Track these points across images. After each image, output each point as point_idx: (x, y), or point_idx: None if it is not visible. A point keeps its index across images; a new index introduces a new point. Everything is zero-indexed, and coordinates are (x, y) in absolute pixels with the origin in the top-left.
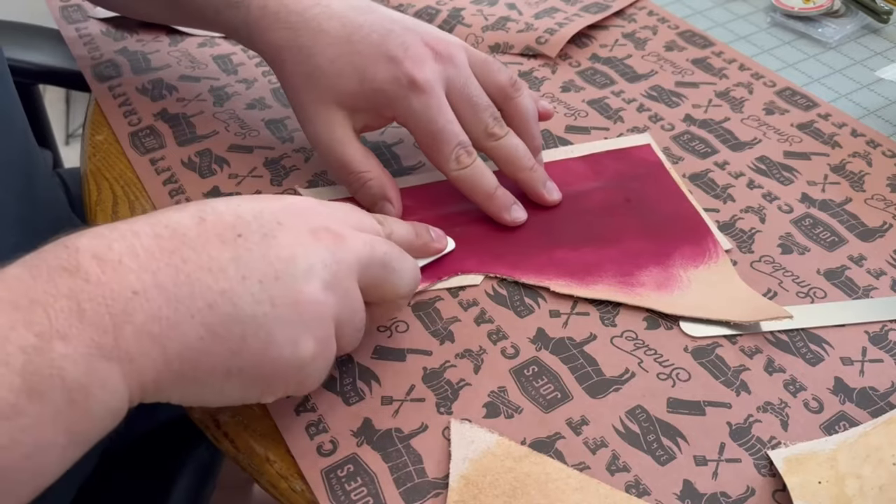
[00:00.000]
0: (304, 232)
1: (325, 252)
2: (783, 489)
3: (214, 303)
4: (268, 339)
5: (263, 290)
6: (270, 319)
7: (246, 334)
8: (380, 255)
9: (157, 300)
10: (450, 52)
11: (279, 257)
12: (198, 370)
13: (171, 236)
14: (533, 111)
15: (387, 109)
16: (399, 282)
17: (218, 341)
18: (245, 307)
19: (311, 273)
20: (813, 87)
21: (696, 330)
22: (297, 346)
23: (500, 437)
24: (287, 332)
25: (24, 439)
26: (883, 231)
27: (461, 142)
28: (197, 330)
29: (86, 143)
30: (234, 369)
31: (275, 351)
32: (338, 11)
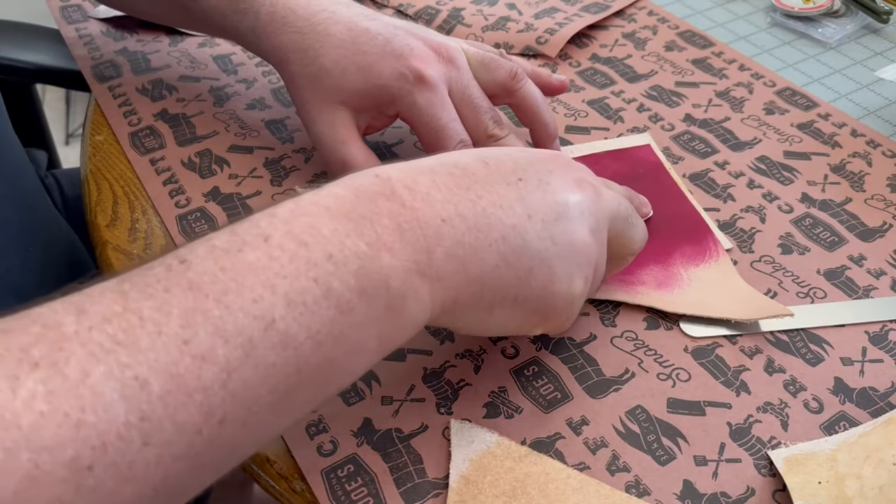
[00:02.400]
0: (571, 181)
1: (590, 201)
2: (783, 489)
3: (507, 235)
4: (549, 272)
5: (545, 228)
6: (552, 255)
7: (532, 266)
8: (625, 210)
9: (460, 228)
10: (451, 56)
11: (556, 201)
12: (491, 295)
13: (462, 175)
14: (540, 98)
15: (391, 107)
16: (635, 236)
17: (510, 270)
18: (532, 241)
19: (582, 218)
20: (813, 87)
21: (696, 330)
22: (572, 282)
23: (500, 437)
24: (565, 267)
25: (350, 335)
26: (883, 231)
27: (463, 139)
28: (493, 257)
29: (86, 143)
30: (521, 297)
31: (555, 284)
32: (344, 17)
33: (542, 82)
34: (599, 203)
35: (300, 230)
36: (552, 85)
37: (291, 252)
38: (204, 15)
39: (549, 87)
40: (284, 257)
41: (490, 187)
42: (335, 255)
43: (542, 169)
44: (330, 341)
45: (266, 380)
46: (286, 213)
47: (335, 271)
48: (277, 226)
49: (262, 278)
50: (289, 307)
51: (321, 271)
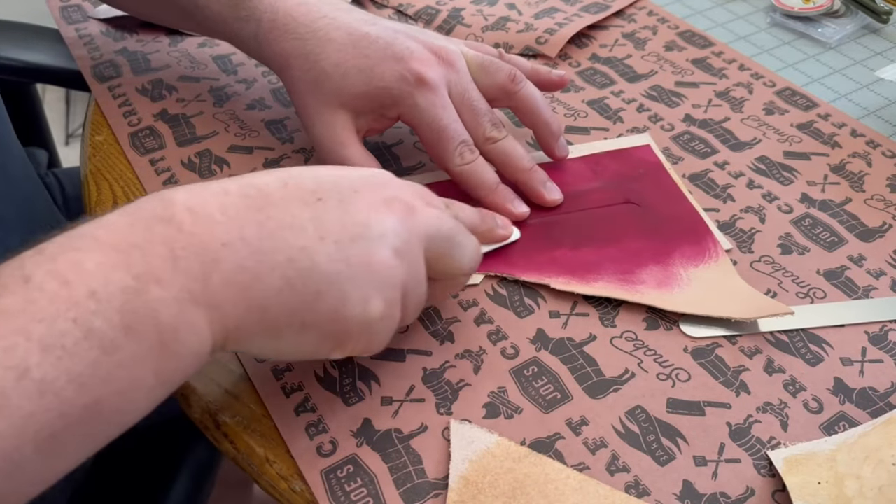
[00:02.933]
0: (379, 200)
1: (397, 221)
2: (783, 489)
3: (294, 258)
4: (341, 296)
5: (339, 250)
6: (344, 278)
7: (321, 290)
8: (446, 229)
9: (242, 252)
10: (451, 59)
11: (355, 221)
12: (276, 321)
13: (257, 196)
14: (540, 99)
15: (392, 109)
16: (462, 257)
17: (295, 294)
18: (322, 264)
19: (384, 238)
20: (813, 87)
21: (695, 331)
22: (368, 305)
23: (500, 437)
24: (359, 290)
25: (119, 374)
26: (883, 231)
27: (464, 139)
28: (277, 282)
29: (86, 143)
30: (309, 323)
31: (347, 308)
32: (344, 22)
33: (542, 79)
34: (410, 223)
35: (64, 267)
36: (552, 81)
37: (52, 293)
38: (206, 21)
39: (549, 83)
40: (43, 299)
41: (284, 208)
42: (98, 291)
43: (347, 188)
44: (96, 383)
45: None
46: (54, 248)
47: (98, 309)
48: (41, 264)
49: (16, 325)
50: (45, 353)
51: (81, 310)
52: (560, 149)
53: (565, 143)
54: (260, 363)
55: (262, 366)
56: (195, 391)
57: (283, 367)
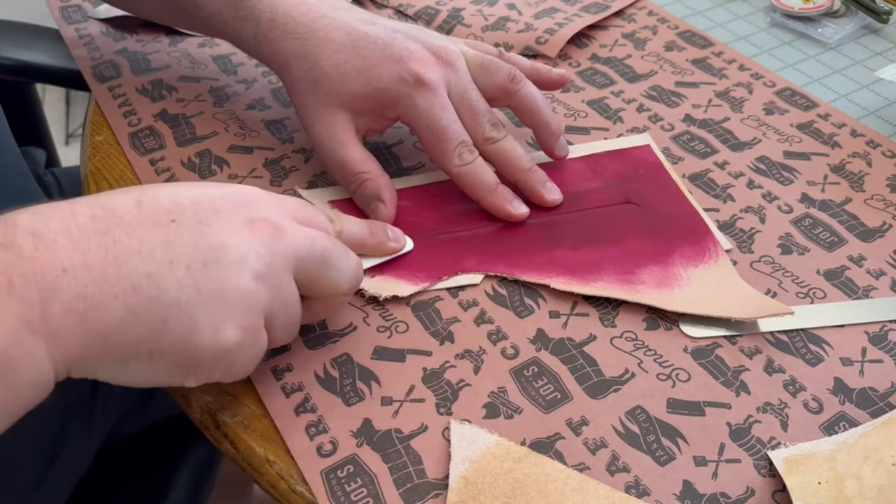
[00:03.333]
0: (241, 221)
1: (260, 243)
2: (783, 489)
3: (139, 285)
4: (190, 324)
5: (189, 275)
6: (194, 305)
7: (168, 318)
8: (318, 249)
9: (83, 279)
10: (450, 59)
11: (210, 245)
12: (120, 350)
13: (106, 218)
14: (540, 98)
15: (391, 110)
16: (338, 278)
17: (140, 323)
18: (169, 291)
19: (242, 263)
20: (813, 88)
21: (695, 331)
22: (219, 333)
23: (500, 437)
24: (210, 318)
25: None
26: (883, 231)
27: (463, 140)
28: (119, 310)
29: (86, 143)
30: (156, 352)
31: (196, 336)
32: (343, 22)
33: (542, 78)
34: (275, 246)
35: None
36: (552, 80)
37: None
38: (206, 20)
39: (549, 82)
40: None
41: (133, 231)
42: None
43: (208, 208)
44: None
45: None
46: None
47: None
48: None
49: None
50: None
51: None
52: (560, 148)
53: (565, 143)
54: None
55: (262, 366)
56: (195, 391)
57: (283, 367)
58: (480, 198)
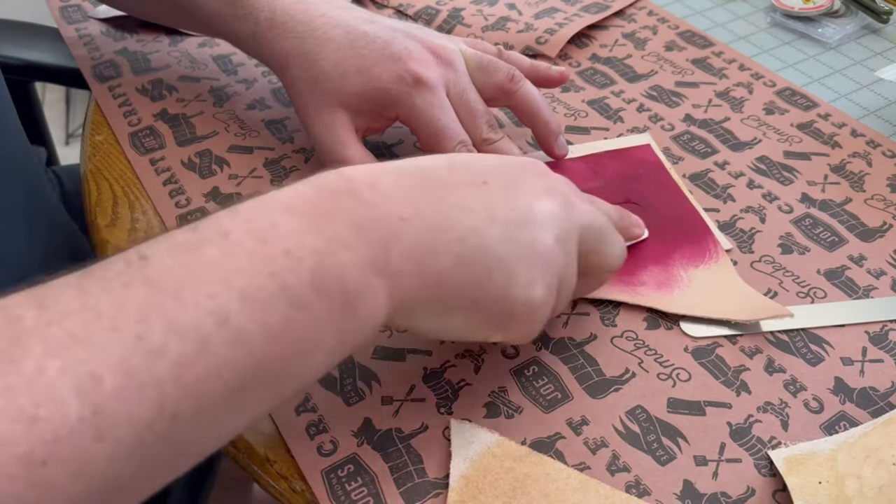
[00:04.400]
0: (541, 188)
1: (559, 209)
2: (783, 489)
3: (466, 237)
4: (509, 276)
5: (507, 232)
6: (512, 258)
7: (491, 268)
8: (599, 223)
9: (419, 227)
10: (449, 58)
11: (520, 205)
12: (448, 297)
13: (427, 176)
14: (539, 98)
15: (390, 109)
16: (611, 253)
17: (467, 271)
18: (492, 244)
19: (548, 224)
20: (813, 87)
21: (696, 330)
22: (532, 288)
23: (501, 437)
24: (525, 272)
25: (306, 331)
26: (883, 231)
27: (462, 140)
28: (451, 258)
29: (86, 143)
30: (479, 300)
31: (514, 288)
32: (342, 21)
33: (542, 75)
34: (570, 213)
35: (260, 227)
36: (552, 77)
37: (249, 248)
38: (205, 19)
39: (549, 79)
40: (242, 253)
41: (454, 189)
42: (292, 251)
43: (513, 173)
44: (286, 338)
45: (219, 376)
46: (248, 210)
47: (291, 267)
48: (238, 223)
49: (218, 274)
50: (244, 303)
51: (277, 267)
52: (559, 147)
53: (564, 142)
54: None
55: None
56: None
57: None
58: None
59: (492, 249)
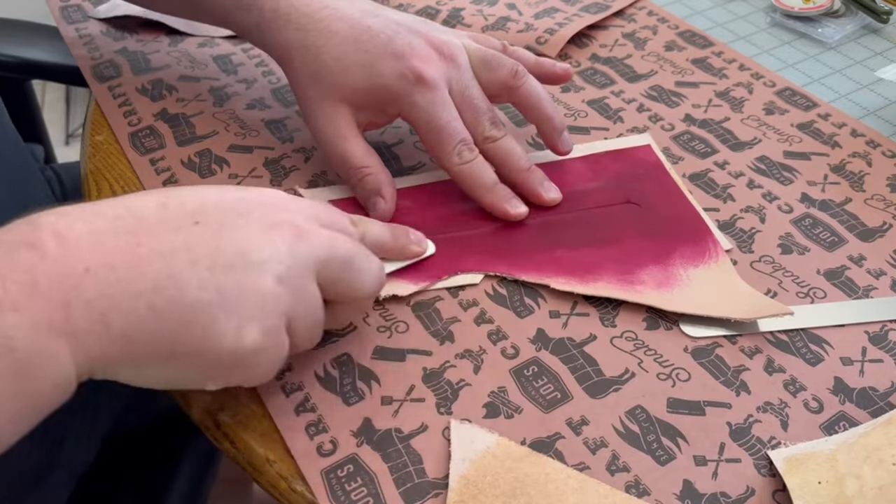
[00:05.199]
0: (264, 225)
1: (283, 246)
2: (783, 489)
3: (160, 286)
4: (210, 325)
5: (211, 277)
6: (215, 306)
7: (188, 319)
8: (342, 253)
9: (106, 279)
10: (453, 54)
11: (232, 247)
12: (141, 351)
13: (130, 219)
14: (542, 93)
15: (391, 106)
16: (361, 281)
17: (161, 323)
18: (190, 292)
19: (264, 265)
20: (813, 87)
21: (695, 330)
22: (240, 336)
23: (500, 437)
24: (231, 320)
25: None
26: (883, 231)
27: (464, 139)
28: (141, 310)
29: (86, 143)
30: (177, 353)
31: (217, 338)
32: (346, 14)
33: (546, 72)
34: (298, 248)
35: None
36: (556, 74)
37: None
38: (209, 10)
39: (553, 76)
40: None
41: (157, 232)
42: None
43: (230, 211)
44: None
45: None
46: None
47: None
48: None
49: None
50: None
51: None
52: (563, 143)
53: (569, 138)
54: None
55: None
56: (195, 391)
57: (283, 367)
58: (479, 196)
59: (190, 297)
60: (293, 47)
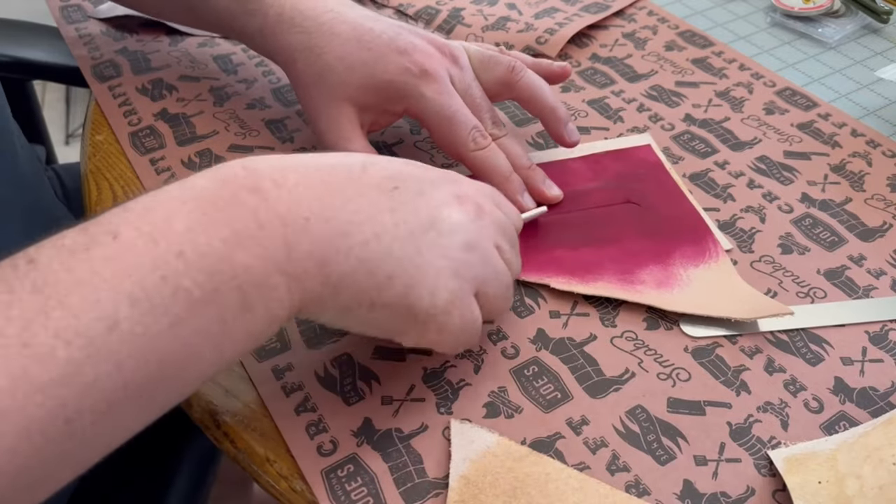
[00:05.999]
0: (453, 196)
1: (468, 217)
2: (783, 489)
3: (368, 241)
4: (410, 281)
5: (411, 238)
6: (415, 265)
7: (392, 274)
8: (511, 232)
9: (322, 229)
10: (454, 54)
11: (428, 213)
12: (348, 298)
13: (337, 176)
14: (542, 85)
15: (397, 103)
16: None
17: (368, 275)
18: (395, 250)
19: (455, 232)
20: (813, 87)
21: (696, 330)
22: (434, 293)
23: (500, 437)
24: (427, 279)
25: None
26: (883, 231)
27: (476, 125)
28: (351, 262)
29: (86, 143)
30: (378, 304)
31: (414, 294)
32: (349, 17)
33: (543, 71)
34: (482, 221)
35: (152, 227)
36: (554, 72)
37: (140, 250)
38: (213, 16)
39: (551, 75)
40: (131, 256)
41: (363, 191)
42: (186, 252)
43: (425, 182)
44: (179, 341)
45: (113, 379)
46: (141, 207)
47: (185, 270)
48: (129, 221)
49: (106, 278)
50: (134, 306)
51: (170, 270)
52: (570, 134)
53: (574, 129)
54: (260, 363)
55: (262, 365)
56: (194, 392)
57: (283, 366)
58: (496, 184)
59: (394, 254)
60: (297, 49)
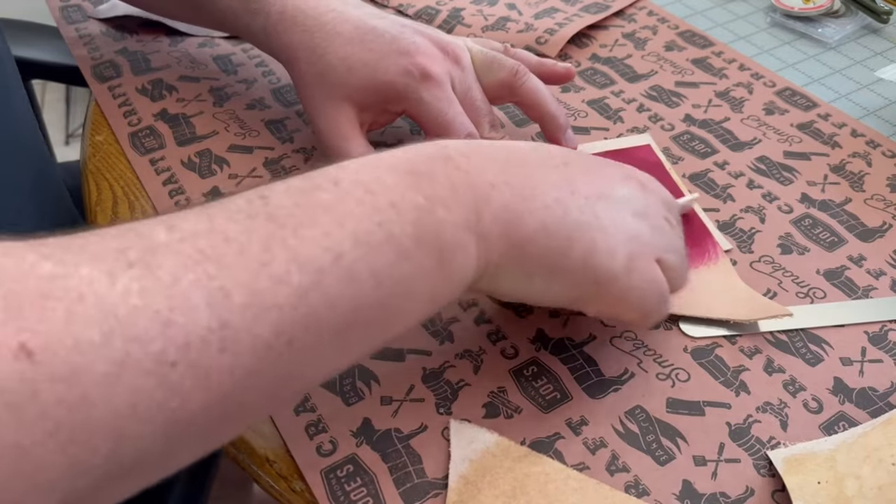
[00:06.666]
0: (619, 174)
1: (636, 191)
2: (782, 489)
3: (549, 205)
4: (591, 244)
5: (588, 204)
6: (594, 228)
7: (572, 236)
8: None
9: (507, 194)
10: (457, 55)
11: (597, 185)
12: (531, 260)
13: (514, 154)
14: (544, 92)
15: (396, 103)
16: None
17: (549, 237)
18: (573, 213)
19: (626, 201)
20: (813, 87)
21: (695, 330)
22: (614, 256)
23: (500, 437)
24: (606, 242)
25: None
26: (883, 231)
27: (471, 133)
28: (535, 224)
29: (86, 143)
30: (559, 267)
31: (595, 257)
32: (352, 16)
33: (548, 71)
34: (648, 195)
35: (367, 180)
36: (558, 73)
37: (358, 197)
38: (216, 14)
39: (555, 75)
40: (352, 200)
41: (538, 167)
42: (397, 203)
43: (591, 160)
44: (388, 283)
45: (330, 310)
46: (354, 165)
47: (397, 219)
48: (347, 174)
49: (332, 216)
50: (355, 245)
51: (384, 217)
52: (568, 141)
53: (573, 136)
54: None
55: None
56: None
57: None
58: None
59: (573, 218)
60: (299, 48)
